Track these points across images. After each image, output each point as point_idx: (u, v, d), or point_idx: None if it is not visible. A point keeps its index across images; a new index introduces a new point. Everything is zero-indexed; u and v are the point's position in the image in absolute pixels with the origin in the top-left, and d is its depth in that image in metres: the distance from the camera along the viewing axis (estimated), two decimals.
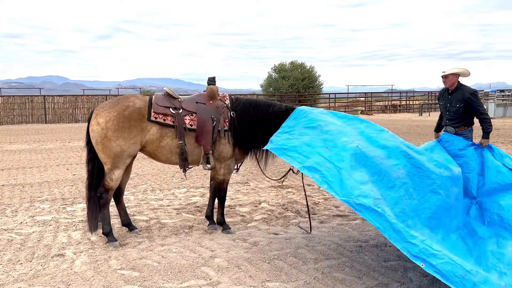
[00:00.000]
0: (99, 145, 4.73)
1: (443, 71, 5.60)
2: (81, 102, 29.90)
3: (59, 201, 6.87)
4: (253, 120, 5.08)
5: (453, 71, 5.56)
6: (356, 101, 43.10)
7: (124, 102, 4.83)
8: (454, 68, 5.62)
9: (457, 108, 5.52)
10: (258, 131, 5.05)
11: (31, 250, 4.68)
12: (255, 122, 5.07)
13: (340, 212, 6.11)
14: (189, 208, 6.41)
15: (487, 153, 5.16)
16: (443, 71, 5.60)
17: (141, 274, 4.00)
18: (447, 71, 5.57)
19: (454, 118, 5.56)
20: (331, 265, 4.19)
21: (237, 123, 5.05)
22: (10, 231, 5.33)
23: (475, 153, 5.10)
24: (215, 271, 4.07)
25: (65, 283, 3.85)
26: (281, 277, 3.94)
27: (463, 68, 5.60)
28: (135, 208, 6.37)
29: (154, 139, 4.85)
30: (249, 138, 5.09)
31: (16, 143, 15.65)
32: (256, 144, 5.16)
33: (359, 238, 4.97)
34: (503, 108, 26.96)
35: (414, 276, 3.96)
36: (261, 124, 5.06)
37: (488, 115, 5.55)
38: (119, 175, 4.82)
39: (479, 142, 5.30)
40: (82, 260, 4.38)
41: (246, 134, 5.07)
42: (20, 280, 3.91)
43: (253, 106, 5.16)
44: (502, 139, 14.62)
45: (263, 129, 5.00)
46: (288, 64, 40.88)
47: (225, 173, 5.18)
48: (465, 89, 5.57)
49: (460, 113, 5.50)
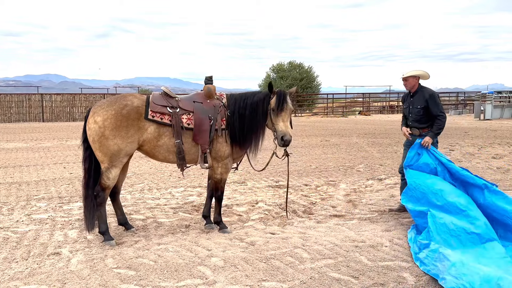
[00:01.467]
0: (96, 143, 4.72)
1: (403, 74, 5.61)
2: (78, 100, 29.86)
3: (56, 199, 6.86)
4: (243, 113, 5.05)
5: (413, 73, 5.60)
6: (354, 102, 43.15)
7: (121, 101, 4.82)
8: (414, 70, 5.65)
9: (418, 109, 5.61)
10: (248, 122, 5.04)
11: (27, 248, 4.67)
12: (245, 115, 5.04)
13: (337, 212, 6.11)
14: (186, 207, 6.40)
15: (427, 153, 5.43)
16: (403, 74, 5.61)
17: (138, 273, 4.00)
18: (406, 73, 5.59)
19: (417, 119, 5.65)
20: (327, 265, 4.19)
21: (232, 118, 5.05)
22: (6, 229, 5.31)
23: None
24: (211, 270, 4.07)
25: (61, 281, 3.84)
26: (277, 276, 3.94)
27: (423, 70, 5.63)
28: (131, 207, 6.36)
29: (151, 138, 4.85)
30: (242, 132, 5.06)
31: (13, 141, 15.60)
32: (249, 137, 5.12)
33: (355, 238, 4.97)
34: (500, 110, 27.02)
35: (410, 276, 3.96)
36: (250, 114, 5.03)
37: (445, 117, 5.58)
38: (116, 174, 4.81)
39: (421, 138, 5.44)
40: (78, 258, 4.37)
41: (239, 128, 5.05)
42: (16, 279, 3.90)
43: (243, 99, 5.13)
44: (499, 141, 14.66)
45: (252, 119, 5.01)
46: (286, 64, 40.89)
47: (223, 172, 5.18)
48: (425, 90, 5.65)
49: (422, 114, 5.59)
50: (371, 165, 10.14)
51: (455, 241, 4.34)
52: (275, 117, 4.93)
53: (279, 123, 4.90)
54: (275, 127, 4.93)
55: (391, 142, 14.51)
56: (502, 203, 4.75)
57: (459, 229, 4.43)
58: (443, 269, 3.82)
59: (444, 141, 14.59)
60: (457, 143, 14.14)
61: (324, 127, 21.65)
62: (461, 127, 20.65)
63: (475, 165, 10.00)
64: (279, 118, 4.90)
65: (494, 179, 8.34)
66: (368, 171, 9.38)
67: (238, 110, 5.06)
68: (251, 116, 5.03)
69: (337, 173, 9.16)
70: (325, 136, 16.96)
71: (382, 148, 13.06)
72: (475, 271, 3.61)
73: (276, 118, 4.92)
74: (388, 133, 18.05)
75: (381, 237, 5.02)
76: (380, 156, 11.48)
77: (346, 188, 7.66)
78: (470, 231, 4.40)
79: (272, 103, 4.95)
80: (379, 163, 10.41)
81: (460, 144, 13.86)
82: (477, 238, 4.36)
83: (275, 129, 4.95)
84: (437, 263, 3.97)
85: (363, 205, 6.49)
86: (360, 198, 6.90)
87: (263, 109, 5.03)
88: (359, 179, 8.44)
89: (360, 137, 16.55)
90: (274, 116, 4.94)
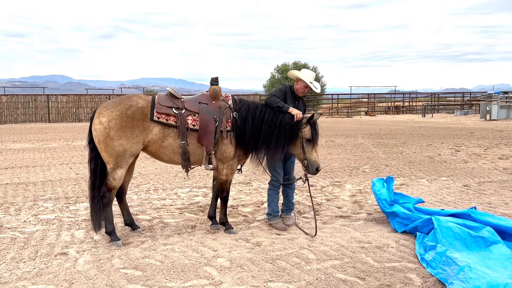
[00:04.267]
0: (102, 144, 4.74)
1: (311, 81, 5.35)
2: (84, 101, 30.01)
3: (62, 200, 6.90)
4: (268, 132, 5.04)
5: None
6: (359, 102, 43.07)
7: (126, 102, 4.83)
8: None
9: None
10: (262, 135, 5.06)
11: (35, 248, 4.70)
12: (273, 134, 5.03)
13: (343, 213, 6.10)
14: (191, 208, 6.42)
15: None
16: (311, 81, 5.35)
17: (144, 273, 4.01)
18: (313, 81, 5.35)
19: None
20: (333, 266, 4.19)
21: (240, 124, 5.05)
22: (13, 229, 5.35)
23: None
24: (217, 270, 4.08)
25: (68, 281, 3.86)
26: (283, 277, 3.94)
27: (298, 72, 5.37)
28: (138, 208, 6.38)
29: (156, 139, 4.86)
30: (253, 141, 5.09)
31: (19, 142, 15.71)
32: (259, 146, 5.15)
33: (361, 239, 4.96)
34: (507, 110, 26.84)
35: (416, 277, 3.95)
36: (277, 135, 5.04)
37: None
38: (121, 174, 4.83)
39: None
40: (85, 259, 4.39)
41: (250, 137, 5.07)
42: (24, 278, 3.92)
43: (269, 114, 5.09)
44: (506, 141, 14.57)
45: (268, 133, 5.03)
46: (291, 65, 40.90)
47: (228, 173, 5.19)
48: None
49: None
50: (376, 165, 10.11)
51: (460, 244, 4.36)
52: (308, 146, 5.05)
53: (313, 153, 5.06)
54: (308, 156, 5.05)
55: (397, 143, 14.46)
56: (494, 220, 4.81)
57: (464, 233, 4.46)
58: (452, 274, 3.81)
59: (450, 142, 14.53)
60: (463, 143, 14.07)
61: (329, 127, 21.62)
62: (467, 128, 20.55)
63: (481, 166, 9.95)
64: (313, 149, 5.06)
65: (501, 180, 8.30)
66: (374, 171, 9.36)
67: (262, 124, 5.04)
68: (278, 137, 5.03)
69: (342, 173, 9.15)
70: (330, 136, 16.94)
71: (387, 149, 13.02)
72: (482, 275, 3.61)
73: (309, 147, 5.05)
74: (394, 133, 17.99)
75: (387, 238, 5.01)
76: (385, 157, 11.45)
77: (352, 189, 7.64)
78: (475, 235, 4.43)
79: (306, 132, 5.03)
80: (385, 163, 10.38)
81: (466, 144, 13.79)
82: (482, 241, 4.37)
83: (307, 158, 5.05)
84: (445, 267, 3.95)
85: (369, 206, 6.47)
86: (366, 199, 6.88)
87: (292, 133, 5.03)
88: (364, 180, 8.42)
89: (365, 137, 16.51)
90: (307, 145, 5.05)
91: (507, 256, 4.13)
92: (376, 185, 5.78)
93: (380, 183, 5.82)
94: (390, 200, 5.58)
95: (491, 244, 4.33)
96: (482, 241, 4.37)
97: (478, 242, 4.37)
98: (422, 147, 13.39)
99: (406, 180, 8.39)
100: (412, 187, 7.78)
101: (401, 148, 13.12)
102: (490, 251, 4.26)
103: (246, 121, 5.06)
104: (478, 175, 8.80)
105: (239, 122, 5.05)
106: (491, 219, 4.81)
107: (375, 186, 5.80)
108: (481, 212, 5.10)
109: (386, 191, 5.69)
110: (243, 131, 5.05)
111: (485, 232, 4.46)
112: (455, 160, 10.81)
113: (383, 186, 5.77)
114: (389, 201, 5.57)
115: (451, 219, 4.81)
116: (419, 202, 5.84)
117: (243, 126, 5.05)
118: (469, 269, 3.74)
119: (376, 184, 5.81)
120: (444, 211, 5.26)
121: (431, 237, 4.58)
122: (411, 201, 5.78)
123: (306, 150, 5.06)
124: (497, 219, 4.80)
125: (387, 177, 5.88)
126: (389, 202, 5.57)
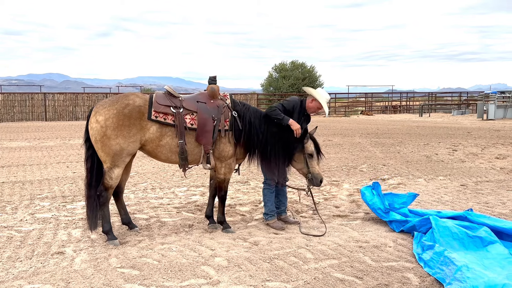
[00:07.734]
0: (98, 143, 4.72)
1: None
2: (81, 100, 29.89)
3: (59, 198, 6.87)
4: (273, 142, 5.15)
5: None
6: (356, 101, 43.10)
7: (123, 100, 4.81)
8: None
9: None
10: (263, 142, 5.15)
11: (31, 247, 4.67)
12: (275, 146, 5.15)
13: (341, 212, 6.10)
14: (189, 207, 6.40)
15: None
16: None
17: (141, 273, 4.00)
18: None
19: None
20: (331, 265, 4.19)
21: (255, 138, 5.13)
22: (10, 228, 5.32)
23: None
24: (215, 270, 4.07)
25: (65, 280, 3.84)
26: (281, 276, 3.93)
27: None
28: (135, 207, 6.36)
29: (153, 138, 4.84)
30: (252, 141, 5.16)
31: (16, 140, 15.64)
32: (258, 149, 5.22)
33: (359, 238, 4.96)
34: (503, 110, 26.93)
35: (414, 276, 3.95)
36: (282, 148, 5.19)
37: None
38: (118, 173, 4.81)
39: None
40: (82, 258, 4.37)
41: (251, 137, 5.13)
42: (20, 278, 3.90)
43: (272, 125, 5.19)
44: (502, 141, 14.62)
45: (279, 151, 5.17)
46: (288, 64, 40.87)
47: (226, 172, 5.17)
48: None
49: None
50: (374, 165, 10.12)
51: (458, 244, 4.37)
52: (311, 161, 5.26)
53: (315, 166, 5.26)
54: (312, 169, 5.24)
55: (394, 142, 14.48)
56: (491, 222, 4.82)
57: (462, 232, 4.48)
58: (450, 273, 3.82)
59: (447, 141, 14.56)
60: (460, 143, 14.10)
61: (326, 126, 21.62)
62: (464, 127, 20.61)
63: (478, 165, 9.97)
64: (316, 162, 5.29)
65: (498, 180, 8.32)
66: (371, 171, 9.37)
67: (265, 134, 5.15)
68: (283, 149, 5.20)
69: (340, 173, 9.15)
70: (327, 135, 16.94)
71: (385, 148, 13.04)
72: (479, 275, 3.62)
73: (313, 162, 5.26)
74: (391, 133, 18.01)
75: (385, 237, 5.01)
76: (383, 156, 11.46)
77: (349, 188, 7.65)
78: (472, 235, 4.45)
79: (308, 148, 5.23)
80: (382, 163, 10.39)
81: (463, 144, 13.82)
82: (480, 241, 4.39)
83: (311, 172, 5.24)
84: (443, 267, 3.96)
85: (366, 205, 6.46)
86: None
87: (294, 147, 5.22)
88: (362, 179, 8.42)
89: (363, 137, 16.53)
90: (310, 160, 5.26)
91: (504, 256, 4.15)
92: (366, 195, 5.69)
93: (368, 191, 5.72)
94: (384, 208, 5.51)
95: (489, 244, 4.35)
96: (479, 241, 4.39)
97: (475, 242, 4.39)
98: (419, 146, 13.41)
99: (403, 179, 8.40)
100: (409, 186, 7.78)
101: (398, 148, 13.14)
102: (488, 251, 4.28)
103: (245, 121, 5.09)
104: (475, 175, 8.82)
105: (239, 121, 5.05)
106: (488, 220, 4.82)
107: (365, 195, 5.70)
108: (478, 214, 5.11)
109: (378, 198, 5.60)
110: (245, 131, 5.10)
111: (483, 232, 4.48)
112: (452, 159, 10.83)
113: (372, 194, 5.67)
114: (383, 209, 5.50)
115: (450, 221, 4.82)
116: (412, 197, 5.73)
117: (244, 127, 5.10)
118: (466, 269, 3.75)
119: (365, 193, 5.72)
120: (441, 213, 5.24)
121: (429, 237, 4.59)
122: (403, 198, 5.65)
123: (310, 164, 5.24)
124: (493, 221, 4.82)
125: (373, 183, 5.79)
126: (384, 210, 5.50)
